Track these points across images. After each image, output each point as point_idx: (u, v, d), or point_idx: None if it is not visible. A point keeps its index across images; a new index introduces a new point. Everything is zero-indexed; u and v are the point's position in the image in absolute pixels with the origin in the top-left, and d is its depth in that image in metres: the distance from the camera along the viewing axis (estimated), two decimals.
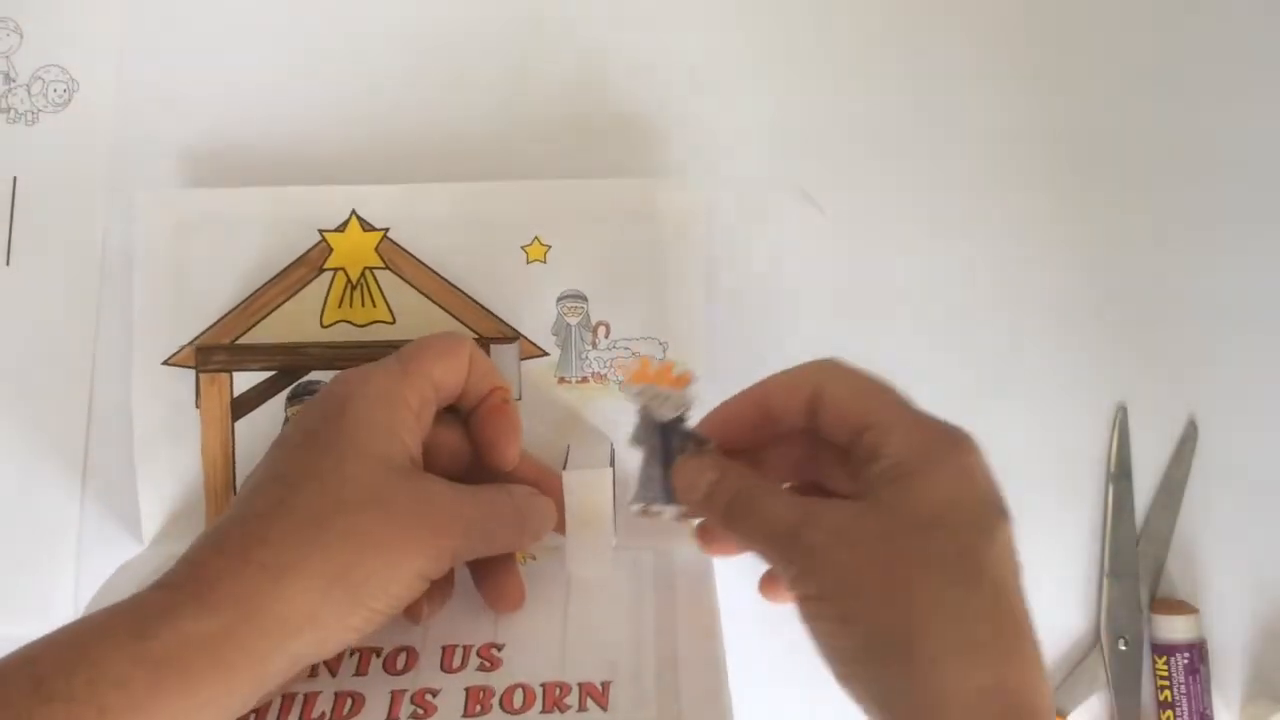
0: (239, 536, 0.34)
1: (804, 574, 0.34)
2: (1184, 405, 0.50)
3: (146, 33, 0.52)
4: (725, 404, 0.40)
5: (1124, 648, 0.48)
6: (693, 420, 0.40)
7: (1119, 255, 0.51)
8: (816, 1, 0.52)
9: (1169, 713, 0.47)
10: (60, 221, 0.50)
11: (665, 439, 0.40)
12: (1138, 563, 0.49)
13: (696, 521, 0.41)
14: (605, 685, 0.38)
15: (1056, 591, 0.49)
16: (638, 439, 0.40)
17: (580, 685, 0.38)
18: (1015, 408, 0.50)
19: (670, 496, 0.39)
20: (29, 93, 0.51)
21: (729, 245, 0.50)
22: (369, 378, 0.38)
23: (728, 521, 0.37)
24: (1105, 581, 0.49)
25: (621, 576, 0.43)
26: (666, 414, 0.39)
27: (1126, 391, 0.50)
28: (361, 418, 0.37)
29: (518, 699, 0.37)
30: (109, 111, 0.51)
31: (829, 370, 0.38)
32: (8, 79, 0.51)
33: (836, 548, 0.34)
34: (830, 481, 0.40)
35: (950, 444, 0.35)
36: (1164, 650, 0.48)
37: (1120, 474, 0.49)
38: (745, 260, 0.50)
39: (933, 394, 0.49)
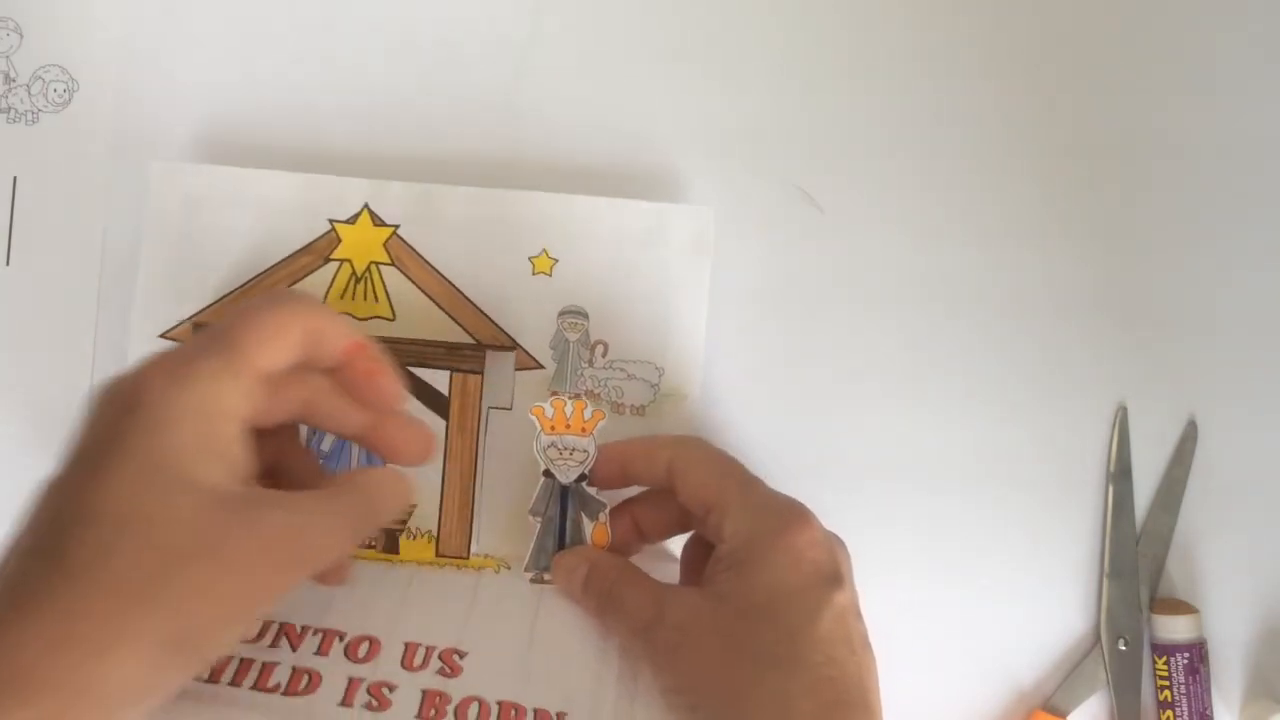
0: (59, 605, 0.29)
1: (658, 669, 0.38)
2: (1184, 405, 0.50)
3: (147, 32, 0.52)
4: (604, 448, 0.42)
5: (1124, 648, 0.48)
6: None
7: (1119, 256, 0.51)
8: (817, 2, 0.52)
9: (1169, 713, 0.47)
10: (60, 221, 0.50)
11: (563, 503, 0.42)
12: (1138, 563, 0.49)
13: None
14: (560, 716, 0.38)
15: (1056, 591, 0.49)
16: (536, 511, 0.42)
17: (535, 711, 0.38)
18: (1015, 408, 0.50)
19: None
20: (29, 93, 0.51)
21: (728, 246, 0.50)
22: (186, 385, 0.33)
23: (600, 615, 0.40)
24: (1105, 581, 0.49)
25: None
26: (570, 476, 0.42)
27: (1126, 391, 0.50)
28: (182, 441, 0.32)
29: (473, 712, 0.37)
30: (109, 111, 0.51)
31: (682, 448, 0.41)
32: (8, 79, 0.51)
33: (683, 644, 0.37)
34: None
35: (778, 526, 0.38)
36: (1164, 650, 0.48)
37: (1120, 474, 0.49)
38: (743, 261, 0.50)
39: (933, 394, 0.50)
